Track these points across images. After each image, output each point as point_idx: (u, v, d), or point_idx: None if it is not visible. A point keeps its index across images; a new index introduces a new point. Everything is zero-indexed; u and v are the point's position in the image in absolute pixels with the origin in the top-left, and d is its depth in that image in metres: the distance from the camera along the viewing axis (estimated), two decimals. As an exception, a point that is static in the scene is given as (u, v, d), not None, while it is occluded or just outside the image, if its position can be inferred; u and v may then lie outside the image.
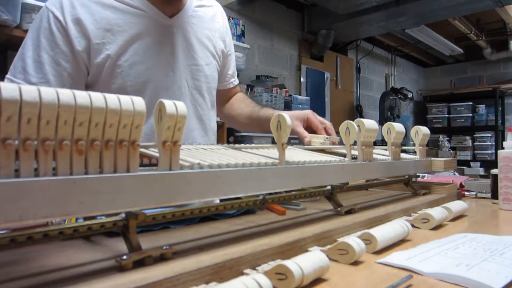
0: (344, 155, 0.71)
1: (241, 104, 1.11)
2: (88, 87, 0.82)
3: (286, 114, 0.53)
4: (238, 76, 1.16)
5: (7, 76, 0.79)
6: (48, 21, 0.77)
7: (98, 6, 0.80)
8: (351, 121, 0.68)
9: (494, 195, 0.98)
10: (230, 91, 1.12)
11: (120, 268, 0.38)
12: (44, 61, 0.77)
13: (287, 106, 3.10)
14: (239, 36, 2.86)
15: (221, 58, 1.02)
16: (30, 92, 0.29)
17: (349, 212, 0.68)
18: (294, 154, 0.63)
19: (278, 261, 0.42)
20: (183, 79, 0.89)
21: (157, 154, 0.40)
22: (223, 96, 1.12)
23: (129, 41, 0.81)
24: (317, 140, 0.87)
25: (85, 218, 0.42)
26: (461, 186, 1.19)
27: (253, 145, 0.65)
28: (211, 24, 0.98)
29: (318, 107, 3.84)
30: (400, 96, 4.66)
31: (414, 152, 0.97)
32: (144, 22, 0.83)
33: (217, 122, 1.05)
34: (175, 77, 0.87)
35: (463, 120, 5.21)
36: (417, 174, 1.05)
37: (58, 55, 0.78)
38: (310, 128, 0.93)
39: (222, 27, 1.02)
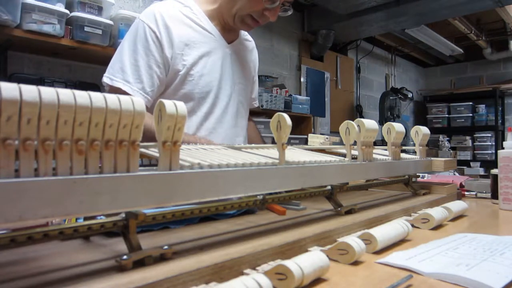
0: (344, 155, 0.71)
1: (251, 131, 1.25)
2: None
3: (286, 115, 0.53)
4: None
5: (106, 75, 0.93)
6: (144, 31, 0.94)
7: (180, 24, 0.98)
8: (351, 121, 0.68)
9: (494, 195, 0.98)
10: (250, 111, 1.26)
11: (120, 268, 0.38)
12: (140, 64, 0.92)
13: (287, 106, 3.10)
14: (239, 36, 2.86)
15: (252, 84, 1.22)
16: (30, 92, 0.29)
17: (349, 212, 0.68)
18: (294, 154, 0.63)
19: (278, 261, 0.42)
20: (235, 93, 1.08)
21: (157, 154, 0.40)
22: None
23: (200, 56, 0.99)
24: (317, 140, 0.87)
25: (85, 218, 0.42)
26: (461, 186, 1.19)
27: (253, 145, 0.65)
28: (250, 55, 1.19)
29: (318, 107, 3.84)
30: (400, 96, 4.66)
31: (414, 152, 0.97)
32: (212, 43, 1.02)
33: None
34: (230, 90, 1.06)
35: (463, 120, 5.21)
36: (417, 174, 1.05)
37: (151, 60, 0.93)
38: None
39: (256, 59, 1.23)
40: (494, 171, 0.98)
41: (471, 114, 5.17)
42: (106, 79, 0.93)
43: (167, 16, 0.96)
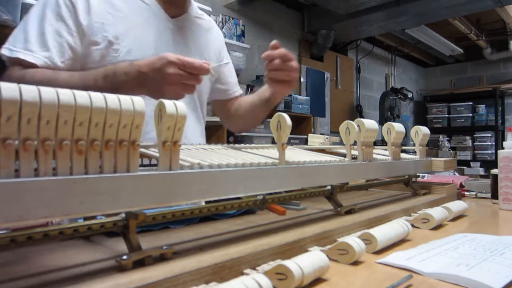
0: (344, 155, 0.71)
1: (241, 101, 1.11)
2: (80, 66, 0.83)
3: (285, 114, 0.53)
4: (238, 76, 1.15)
5: (5, 46, 0.78)
6: None
7: None
8: (351, 121, 0.68)
9: (494, 195, 0.98)
10: (233, 101, 1.12)
11: (120, 268, 0.38)
12: (47, 31, 0.78)
13: (287, 106, 3.10)
14: (239, 36, 2.86)
15: (218, 72, 1.05)
16: (30, 92, 0.29)
17: (349, 212, 0.68)
18: (294, 154, 0.63)
19: (278, 261, 0.42)
20: None
21: (157, 154, 0.40)
22: (230, 107, 1.11)
23: (128, 27, 0.83)
24: (317, 140, 0.87)
25: (85, 218, 0.42)
26: (461, 186, 1.19)
27: (253, 145, 0.65)
28: (208, 34, 1.02)
29: (318, 107, 3.84)
30: (400, 96, 4.66)
31: (414, 152, 0.97)
32: (145, 14, 0.86)
33: (218, 122, 1.05)
34: None
35: (463, 120, 5.21)
36: (417, 174, 1.05)
37: (61, 27, 0.79)
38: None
39: (219, 40, 1.07)
40: (494, 171, 0.98)
41: (471, 114, 5.17)
42: (4, 50, 0.77)
43: None
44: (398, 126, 0.83)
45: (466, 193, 1.15)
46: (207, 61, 0.70)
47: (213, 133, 2.51)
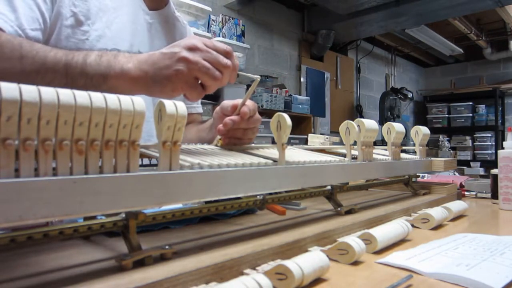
0: (344, 155, 0.71)
1: (191, 128, 0.93)
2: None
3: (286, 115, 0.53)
4: (237, 76, 1.10)
5: None
6: None
7: None
8: (351, 121, 0.68)
9: (494, 195, 0.98)
10: (190, 117, 0.97)
11: (120, 268, 0.38)
12: None
13: (287, 106, 3.10)
14: (239, 36, 2.86)
15: None
16: (30, 92, 0.29)
17: (349, 212, 0.68)
18: (294, 154, 0.63)
19: (278, 261, 0.42)
20: None
21: (157, 154, 0.40)
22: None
23: (102, 10, 0.74)
24: (317, 140, 0.87)
25: (85, 218, 0.42)
26: (461, 186, 1.19)
27: (253, 145, 0.65)
28: (180, 36, 0.92)
29: (318, 107, 3.84)
30: (400, 96, 4.66)
31: (414, 152, 0.97)
32: (122, 1, 0.78)
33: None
34: None
35: (463, 120, 5.21)
36: (417, 174, 1.05)
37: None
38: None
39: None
40: (494, 171, 0.98)
41: (471, 114, 5.18)
42: None
43: None
44: (398, 126, 0.83)
45: (466, 193, 1.15)
46: None
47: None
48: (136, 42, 0.80)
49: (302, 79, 3.82)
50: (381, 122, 4.41)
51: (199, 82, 0.56)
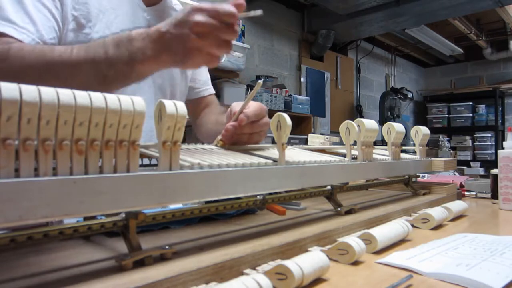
0: (344, 155, 0.71)
1: (209, 113, 0.99)
2: None
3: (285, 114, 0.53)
4: (238, 76, 1.10)
5: None
6: None
7: None
8: (351, 121, 0.68)
9: (494, 195, 0.98)
10: (205, 101, 1.03)
11: (120, 268, 0.38)
12: (26, 2, 0.66)
13: (287, 106, 3.10)
14: (239, 36, 2.86)
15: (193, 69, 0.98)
16: (30, 92, 0.29)
17: (349, 212, 0.68)
18: (294, 154, 0.63)
19: (278, 261, 0.42)
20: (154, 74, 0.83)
21: (157, 154, 0.40)
22: (197, 107, 1.03)
23: (101, 12, 0.74)
24: (317, 140, 0.87)
25: (85, 218, 0.42)
26: (461, 186, 1.19)
27: (253, 145, 0.65)
28: None
29: (318, 107, 3.84)
30: (400, 96, 4.66)
31: (414, 152, 0.97)
32: (122, 1, 0.78)
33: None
34: None
35: (463, 120, 5.21)
36: (417, 174, 1.05)
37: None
38: None
39: None
40: (494, 171, 0.98)
41: (471, 114, 5.18)
42: None
43: None
44: (398, 126, 0.83)
45: (466, 193, 1.15)
46: None
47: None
48: None
49: (302, 79, 3.82)
50: (381, 122, 4.41)
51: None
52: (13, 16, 0.64)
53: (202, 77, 1.02)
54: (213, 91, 1.05)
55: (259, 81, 0.63)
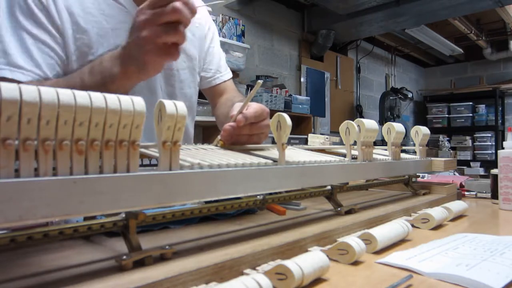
0: (344, 155, 0.71)
1: (223, 105, 0.97)
2: None
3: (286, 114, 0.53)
4: (238, 76, 1.10)
5: None
6: None
7: None
8: (351, 121, 0.68)
9: (494, 195, 0.98)
10: (218, 89, 1.01)
11: (120, 268, 0.38)
12: (27, 41, 0.68)
13: (287, 106, 3.10)
14: (239, 36, 2.86)
15: (204, 59, 0.98)
16: (30, 92, 0.29)
17: (349, 212, 0.68)
18: (294, 154, 0.63)
19: (278, 261, 0.42)
20: (157, 84, 0.84)
21: (157, 154, 0.40)
22: (213, 96, 1.02)
23: (102, 36, 0.75)
24: (317, 140, 0.87)
25: (85, 218, 0.42)
26: (461, 186, 1.19)
27: (253, 145, 0.65)
28: (191, 25, 0.92)
29: (318, 107, 3.84)
30: (400, 96, 4.66)
31: (414, 152, 0.97)
32: (120, 18, 0.76)
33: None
34: (148, 81, 0.80)
35: (463, 120, 5.21)
36: (417, 174, 1.05)
37: (42, 34, 0.70)
38: None
39: (204, 25, 0.96)
40: (494, 171, 0.98)
41: (471, 114, 5.18)
42: None
43: None
44: (398, 126, 0.83)
45: (466, 193, 1.15)
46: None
47: (212, 133, 2.51)
48: None
49: (302, 79, 3.82)
50: (381, 122, 4.41)
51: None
52: (20, 61, 0.67)
53: (212, 66, 1.00)
54: (226, 78, 1.02)
55: (259, 81, 0.62)
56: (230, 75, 1.04)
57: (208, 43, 0.98)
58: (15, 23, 0.69)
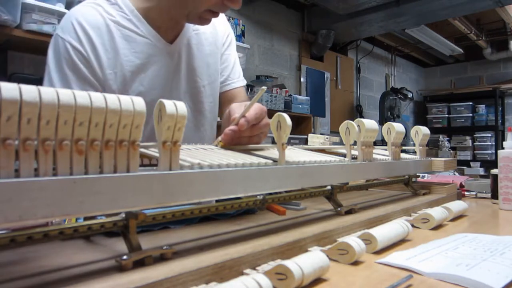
0: (344, 155, 0.71)
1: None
2: None
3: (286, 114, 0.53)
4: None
5: None
6: (67, 51, 0.76)
7: (105, 33, 0.78)
8: (351, 121, 0.68)
9: (494, 195, 0.98)
10: (228, 95, 1.01)
11: (120, 268, 0.38)
12: (73, 86, 0.76)
13: (287, 106, 3.10)
14: (239, 36, 2.86)
15: (218, 74, 0.98)
16: (30, 92, 0.29)
17: (349, 212, 0.68)
18: (294, 154, 0.63)
19: (278, 261, 0.42)
20: (188, 102, 0.88)
21: (157, 154, 0.40)
22: (223, 101, 1.02)
23: (135, 72, 0.80)
24: (317, 140, 0.87)
25: (85, 218, 0.42)
26: (461, 186, 1.19)
27: (253, 145, 0.65)
28: (212, 36, 0.94)
29: (318, 107, 3.84)
30: (400, 96, 4.66)
31: (414, 152, 0.97)
32: (149, 52, 0.82)
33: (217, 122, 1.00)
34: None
35: (463, 120, 5.21)
36: (417, 174, 1.05)
37: (88, 88, 0.76)
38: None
39: (220, 33, 0.98)
40: (494, 171, 0.98)
41: (471, 114, 5.18)
42: None
43: (88, 24, 0.77)
44: (398, 126, 0.83)
45: (466, 193, 1.15)
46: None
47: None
48: (168, 84, 0.85)
49: (302, 79, 3.82)
50: (381, 122, 4.41)
51: None
52: None
53: (225, 72, 1.00)
54: (237, 85, 1.02)
55: (263, 87, 0.63)
56: (243, 83, 1.04)
57: (223, 50, 1.00)
58: (64, 77, 0.77)
